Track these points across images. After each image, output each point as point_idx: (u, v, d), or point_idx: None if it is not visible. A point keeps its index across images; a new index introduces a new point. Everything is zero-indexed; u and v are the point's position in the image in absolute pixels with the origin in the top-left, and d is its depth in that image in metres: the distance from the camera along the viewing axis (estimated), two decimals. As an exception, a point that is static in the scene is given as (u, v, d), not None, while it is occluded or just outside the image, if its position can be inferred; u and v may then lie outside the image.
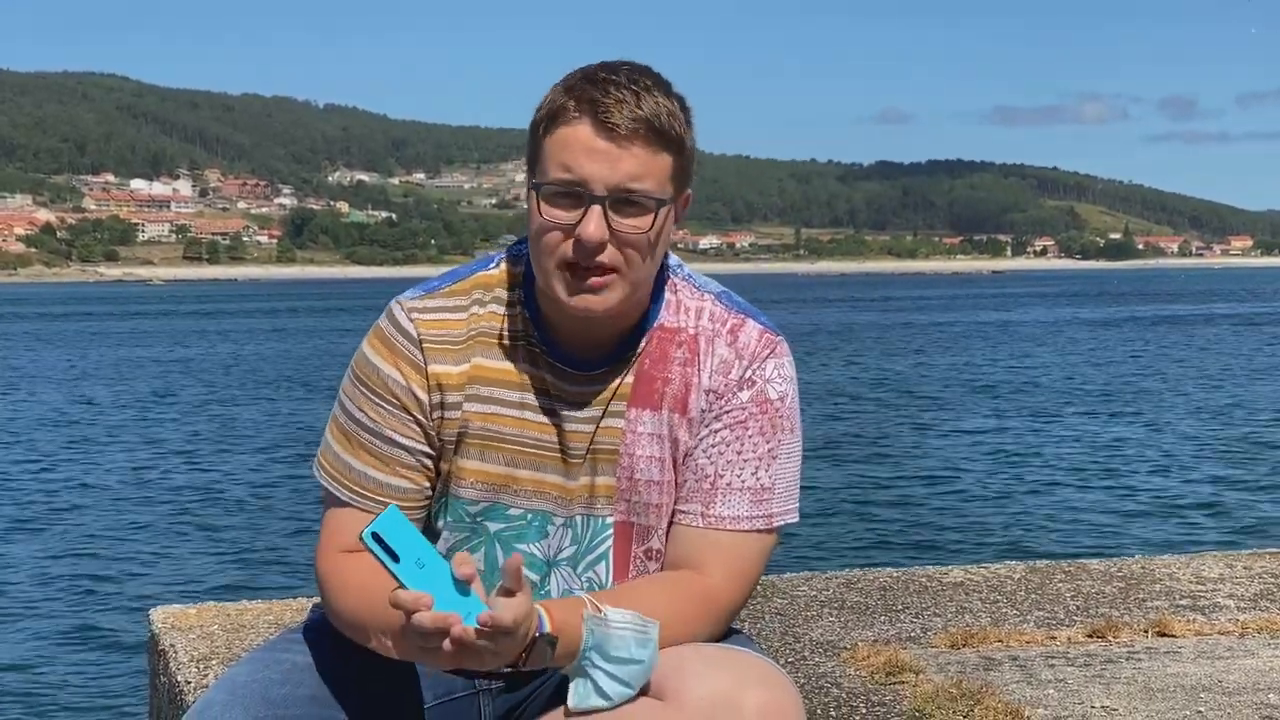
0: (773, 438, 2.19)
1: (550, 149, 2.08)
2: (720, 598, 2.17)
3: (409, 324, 2.17)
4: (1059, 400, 28.54)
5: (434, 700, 2.26)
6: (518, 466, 2.18)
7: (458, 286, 2.20)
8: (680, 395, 2.18)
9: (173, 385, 34.80)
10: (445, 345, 2.17)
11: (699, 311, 2.21)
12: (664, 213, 2.09)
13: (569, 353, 2.17)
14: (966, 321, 67.14)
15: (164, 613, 3.96)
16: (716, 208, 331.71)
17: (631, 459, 2.18)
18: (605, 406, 2.17)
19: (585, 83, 2.08)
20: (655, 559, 2.21)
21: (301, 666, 2.18)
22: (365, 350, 2.19)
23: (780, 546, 2.29)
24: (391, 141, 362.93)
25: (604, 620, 2.03)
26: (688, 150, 2.12)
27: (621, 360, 2.18)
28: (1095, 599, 4.28)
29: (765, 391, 2.19)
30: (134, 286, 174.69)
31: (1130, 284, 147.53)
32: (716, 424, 2.18)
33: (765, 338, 2.21)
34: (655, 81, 2.10)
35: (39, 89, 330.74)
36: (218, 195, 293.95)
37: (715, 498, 2.17)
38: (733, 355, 2.19)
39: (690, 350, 2.19)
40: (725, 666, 2.04)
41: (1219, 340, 49.64)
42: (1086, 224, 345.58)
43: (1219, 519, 15.33)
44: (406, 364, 2.16)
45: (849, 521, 15.03)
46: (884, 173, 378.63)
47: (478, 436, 2.17)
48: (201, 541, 14.70)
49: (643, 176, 2.06)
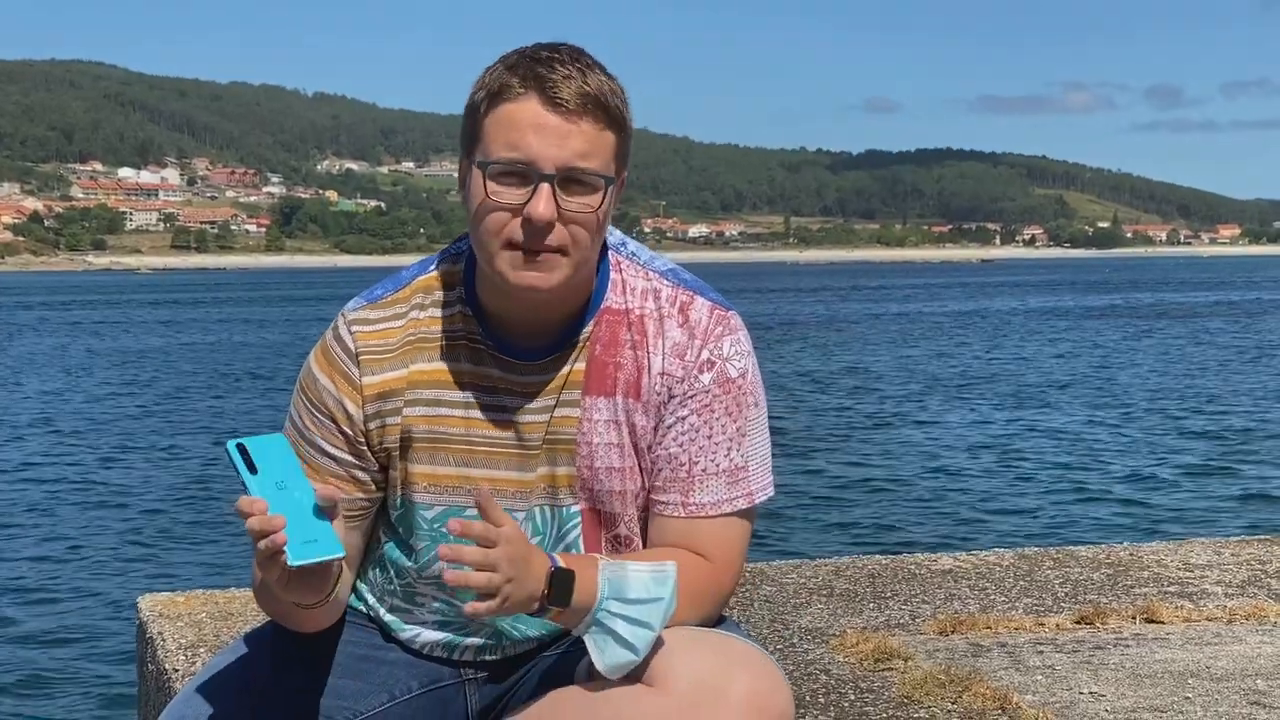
0: (739, 416, 2.17)
1: (492, 127, 2.04)
2: (720, 581, 2.17)
3: (348, 336, 2.16)
4: (1048, 388, 28.58)
5: (420, 689, 2.25)
6: (470, 466, 2.15)
7: (399, 294, 2.18)
8: (633, 380, 2.15)
9: (160, 373, 34.74)
10: (383, 354, 2.15)
11: (645, 291, 2.17)
12: (611, 191, 2.07)
13: (514, 343, 2.14)
14: (954, 310, 67.20)
15: (152, 600, 3.96)
16: (706, 196, 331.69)
17: (590, 447, 2.15)
18: (558, 395, 2.14)
19: (528, 60, 2.04)
20: (625, 545, 2.19)
21: (289, 655, 2.18)
22: (309, 360, 2.20)
23: (769, 534, 2.29)
24: (380, 130, 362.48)
25: (620, 565, 2.03)
26: (628, 129, 2.10)
27: (569, 346, 2.14)
28: (1084, 586, 4.28)
29: (725, 371, 2.16)
30: (121, 275, 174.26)
31: (1123, 272, 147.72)
32: (682, 410, 2.15)
33: (716, 314, 2.17)
34: (594, 62, 2.07)
35: (26, 77, 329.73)
36: (206, 184, 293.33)
37: (693, 486, 2.15)
38: (686, 336, 2.15)
39: (639, 332, 2.16)
40: (712, 651, 2.04)
41: (1207, 328, 49.71)
42: (1075, 212, 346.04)
43: (1207, 506, 15.35)
44: (340, 377, 2.15)
45: (838, 509, 15.03)
46: (873, 161, 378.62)
47: (424, 440, 2.15)
48: (189, 529, 14.68)
49: (590, 154, 2.03)
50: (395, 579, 2.24)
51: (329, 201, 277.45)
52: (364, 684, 2.21)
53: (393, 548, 2.22)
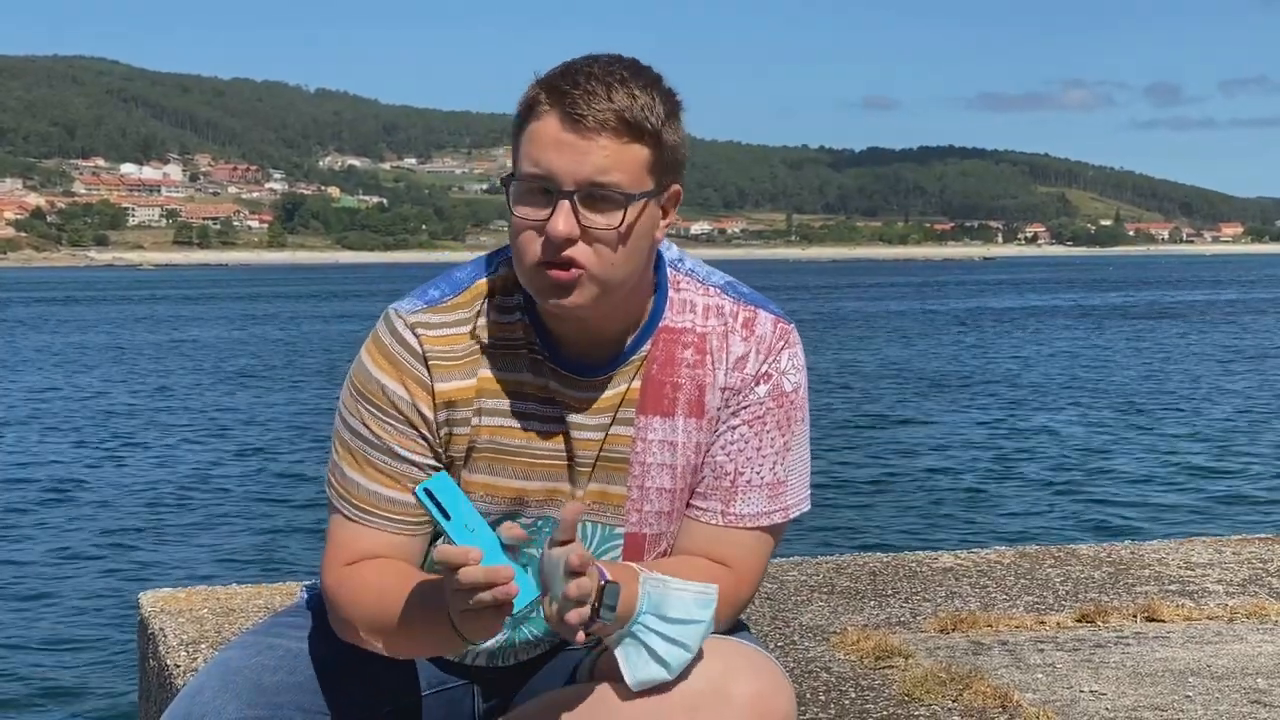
0: (788, 430, 2.16)
1: (523, 145, 2.02)
2: (741, 591, 2.17)
3: (413, 340, 2.09)
4: (1049, 387, 28.57)
5: (428, 689, 2.25)
6: (529, 479, 2.13)
7: (460, 299, 2.12)
8: (695, 398, 2.13)
9: (163, 370, 34.74)
10: (452, 361, 2.10)
11: (706, 308, 2.15)
12: (637, 207, 2.02)
13: (572, 358, 2.11)
14: (956, 308, 67.16)
15: (153, 596, 3.95)
16: (708, 193, 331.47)
17: (643, 468, 2.13)
18: (614, 414, 2.12)
19: (559, 76, 2.02)
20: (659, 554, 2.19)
21: (294, 653, 2.17)
22: (366, 364, 2.11)
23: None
24: (383, 126, 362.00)
25: (663, 581, 2.02)
26: (668, 142, 2.03)
27: (626, 364, 2.12)
28: (1084, 584, 4.28)
29: (781, 384, 2.15)
30: (124, 271, 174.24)
31: (1125, 271, 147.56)
32: (735, 420, 2.14)
33: (779, 328, 2.16)
34: (634, 72, 2.03)
35: (29, 72, 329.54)
36: (208, 180, 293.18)
37: (735, 495, 2.15)
38: (749, 350, 2.14)
39: (699, 350, 2.13)
40: (715, 654, 2.04)
41: (1210, 327, 49.68)
42: (1078, 210, 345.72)
43: (1208, 504, 15.36)
44: (413, 380, 2.09)
45: (839, 507, 15.04)
46: (875, 159, 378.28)
47: (486, 450, 2.12)
48: (191, 525, 14.69)
49: (611, 169, 1.99)
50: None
51: (331, 198, 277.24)
52: (372, 685, 2.20)
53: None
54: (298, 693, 2.13)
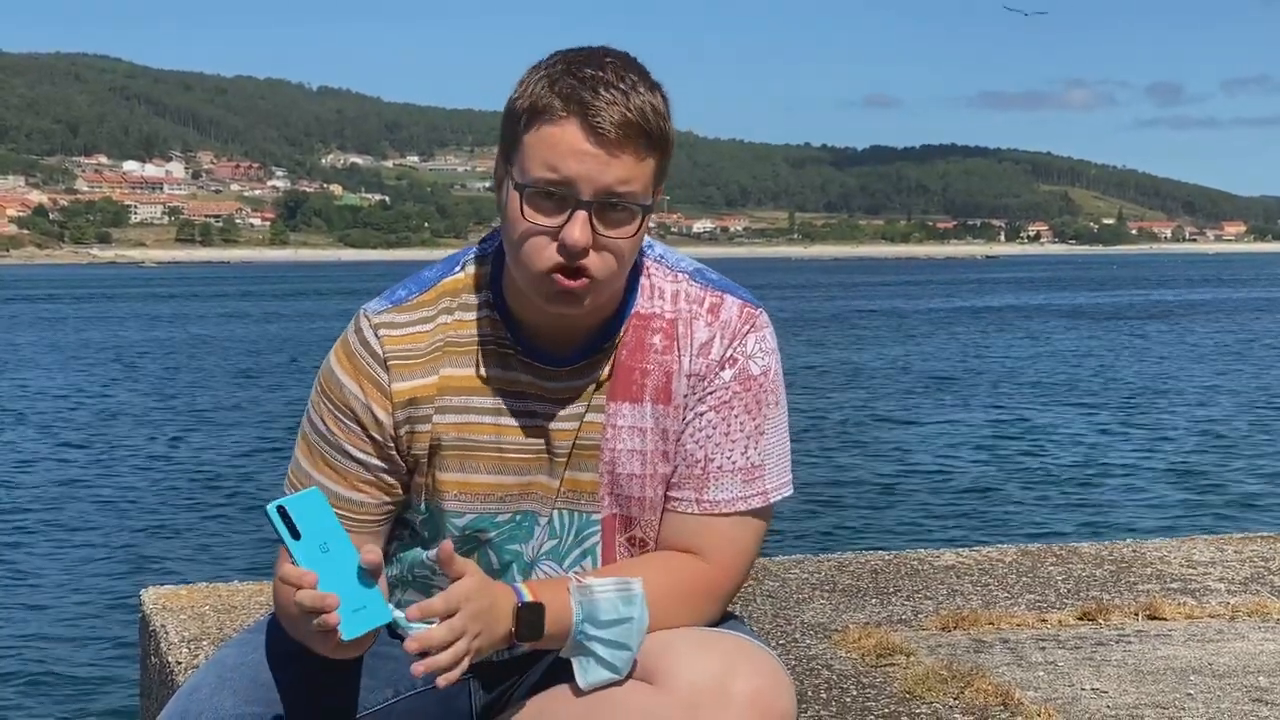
0: (758, 414, 2.16)
1: (532, 146, 2.00)
2: (720, 581, 2.16)
3: (375, 341, 2.11)
4: (1051, 385, 28.56)
5: (425, 684, 2.25)
6: (503, 473, 2.14)
7: (425, 297, 2.14)
8: (662, 385, 2.14)
9: (164, 366, 34.76)
10: (413, 359, 2.11)
11: (675, 294, 2.16)
12: (648, 218, 2.05)
13: (543, 349, 2.12)
14: (957, 306, 67.14)
15: (155, 593, 3.96)
16: (711, 191, 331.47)
17: (613, 454, 2.14)
18: (588, 402, 2.13)
19: (571, 79, 2.00)
20: (639, 546, 2.18)
21: (295, 649, 2.16)
22: (331, 362, 2.15)
23: (771, 530, 2.29)
24: (385, 124, 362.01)
25: (588, 588, 2.03)
26: (669, 148, 2.06)
27: (599, 352, 2.13)
28: (1086, 582, 4.28)
29: (747, 368, 2.15)
30: (126, 268, 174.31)
31: (1127, 269, 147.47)
32: (701, 406, 2.14)
33: (745, 312, 2.16)
34: (639, 74, 2.03)
35: (31, 70, 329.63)
36: (211, 177, 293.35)
37: (707, 483, 2.14)
38: (713, 335, 2.14)
39: (668, 336, 2.14)
40: (716, 650, 2.03)
41: (1211, 326, 49.65)
42: (1080, 209, 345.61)
43: (1210, 503, 15.35)
44: (369, 382, 2.11)
45: (840, 505, 15.04)
46: (878, 157, 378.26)
47: (454, 447, 2.13)
48: (193, 522, 14.70)
49: (630, 181, 2.00)
50: (410, 572, 2.24)
51: (333, 195, 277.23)
52: (370, 678, 2.20)
53: (410, 547, 2.22)
54: (295, 689, 2.13)
